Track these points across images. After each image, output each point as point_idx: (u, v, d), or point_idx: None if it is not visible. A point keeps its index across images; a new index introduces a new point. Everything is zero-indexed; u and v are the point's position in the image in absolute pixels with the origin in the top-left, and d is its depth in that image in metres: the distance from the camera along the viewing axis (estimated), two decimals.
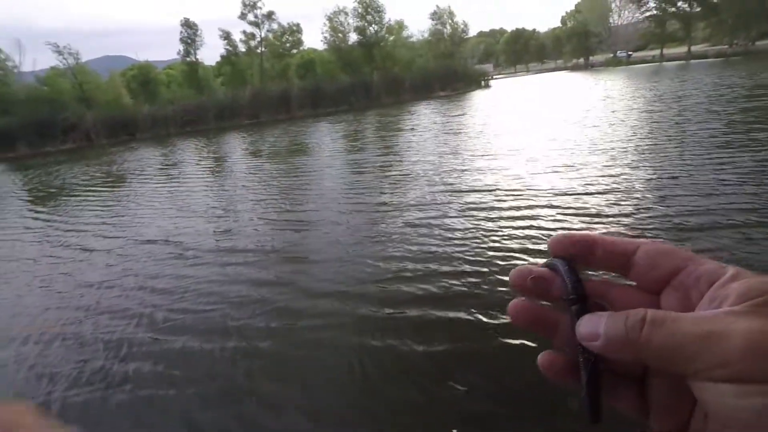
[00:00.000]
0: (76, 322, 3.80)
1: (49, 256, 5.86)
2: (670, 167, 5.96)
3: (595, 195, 5.16)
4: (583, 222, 4.41)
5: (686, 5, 49.68)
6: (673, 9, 51.33)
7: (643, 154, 6.92)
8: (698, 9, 48.76)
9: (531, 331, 0.32)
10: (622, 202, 4.78)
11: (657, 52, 57.05)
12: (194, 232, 5.96)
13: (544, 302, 0.32)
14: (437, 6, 45.15)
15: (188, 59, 39.03)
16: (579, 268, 0.31)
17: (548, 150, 8.04)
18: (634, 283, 0.32)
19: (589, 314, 0.29)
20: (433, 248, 4.24)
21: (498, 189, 5.93)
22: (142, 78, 39.09)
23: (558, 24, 78.52)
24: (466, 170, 7.31)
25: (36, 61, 35.87)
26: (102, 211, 8.30)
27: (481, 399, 2.34)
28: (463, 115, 17.46)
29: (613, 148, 7.50)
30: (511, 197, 5.51)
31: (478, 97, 29.05)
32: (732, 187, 4.85)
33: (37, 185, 13.36)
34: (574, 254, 0.32)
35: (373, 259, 4.16)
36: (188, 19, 38.95)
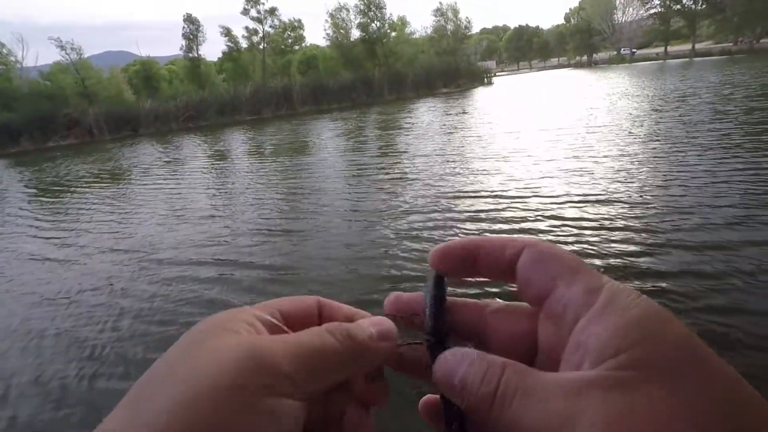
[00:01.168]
0: (37, 336, 3.62)
1: (21, 261, 5.67)
2: (680, 172, 5.65)
3: (600, 202, 4.89)
4: (587, 232, 4.16)
5: (691, 2, 49.34)
6: (678, 6, 51.03)
7: (650, 156, 6.65)
8: (703, 6, 48.43)
9: (402, 371, 0.29)
10: (629, 211, 4.53)
11: (661, 49, 56.82)
12: (176, 241, 5.62)
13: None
14: (440, 2, 45.04)
15: (190, 55, 39.00)
16: (455, 289, 0.28)
17: (551, 152, 7.82)
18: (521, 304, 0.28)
19: (448, 352, 0.25)
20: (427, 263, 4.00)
21: (499, 195, 5.64)
22: (144, 73, 39.09)
23: (561, 21, 78.24)
24: (465, 173, 7.04)
25: (38, 56, 35.80)
26: (89, 212, 8.05)
27: None
28: (464, 113, 17.36)
29: (618, 151, 7.23)
30: (513, 203, 5.23)
31: (480, 94, 28.95)
32: (749, 195, 4.53)
33: (33, 182, 13.30)
34: (458, 268, 0.29)
35: (363, 275, 3.86)
36: (190, 14, 38.90)
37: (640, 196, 4.95)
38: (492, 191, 5.85)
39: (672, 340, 0.19)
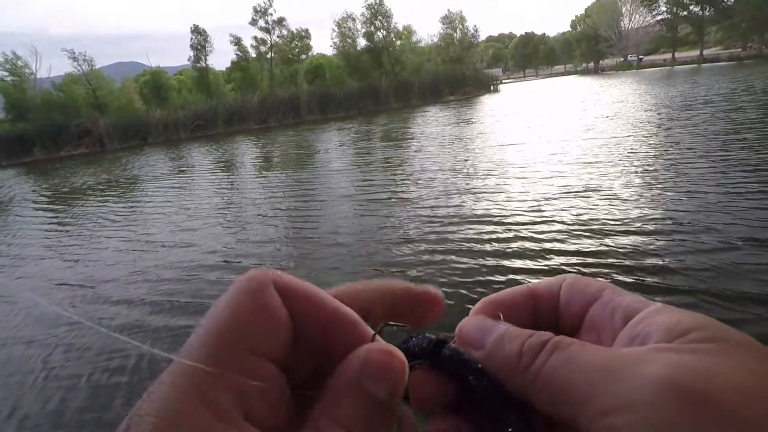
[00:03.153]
0: None
1: None
2: (706, 192, 5.00)
3: (618, 229, 4.40)
4: (589, 260, 3.81)
5: (698, 9, 49.14)
6: (685, 13, 50.80)
7: (670, 173, 6.03)
8: (710, 12, 48.20)
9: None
10: (652, 240, 4.03)
11: (668, 55, 56.51)
12: (134, 272, 5.11)
13: None
14: (449, 10, 45.29)
15: (198, 65, 39.55)
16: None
17: (557, 167, 7.31)
18: None
19: (481, 317, 0.25)
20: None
21: (506, 219, 5.15)
22: (154, 83, 39.67)
23: (567, 28, 78.26)
24: (470, 193, 6.52)
25: (51, 67, 36.59)
26: (60, 231, 7.79)
27: None
28: (470, 122, 17.30)
29: (634, 166, 6.65)
30: (521, 231, 4.75)
31: (487, 102, 28.96)
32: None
33: (18, 197, 13.35)
34: (518, 316, 0.26)
35: None
36: (197, 25, 39.54)
37: (650, 220, 4.50)
38: (494, 215, 5.37)
39: (727, 325, 0.19)
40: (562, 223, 4.84)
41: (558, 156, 8.38)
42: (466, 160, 9.40)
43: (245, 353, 0.19)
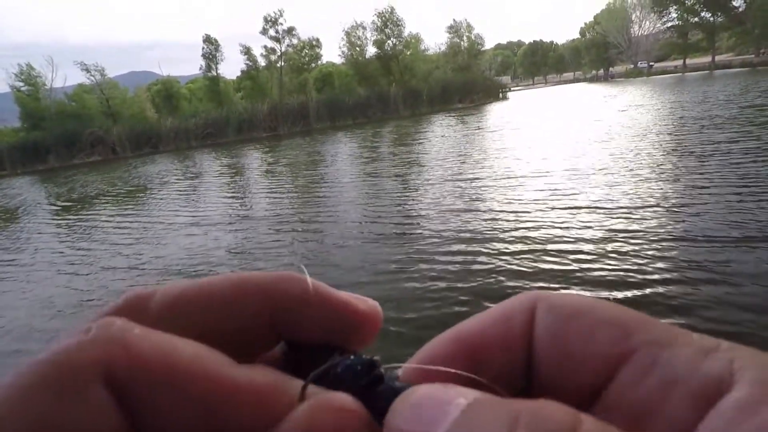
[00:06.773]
0: None
1: None
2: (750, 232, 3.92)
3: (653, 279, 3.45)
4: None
5: (709, 15, 48.76)
6: (696, 19, 50.43)
7: (701, 199, 4.97)
8: (722, 19, 47.80)
9: None
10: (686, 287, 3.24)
11: (679, 62, 56.08)
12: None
13: None
14: (454, 19, 45.50)
15: (209, 74, 40.02)
16: None
17: (583, 197, 5.90)
18: None
19: (428, 386, 0.14)
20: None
21: (523, 260, 4.19)
22: (166, 92, 40.22)
23: (577, 35, 78.12)
24: (480, 229, 5.24)
25: (66, 77, 37.25)
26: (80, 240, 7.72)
27: None
28: (479, 135, 16.90)
29: (665, 197, 5.33)
30: (539, 275, 3.83)
31: (495, 110, 28.82)
32: None
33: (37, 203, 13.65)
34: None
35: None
36: (209, 35, 40.08)
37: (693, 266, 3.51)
38: (511, 234, 4.80)
39: None
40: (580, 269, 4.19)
41: (585, 184, 6.83)
42: (478, 187, 8.82)
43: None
